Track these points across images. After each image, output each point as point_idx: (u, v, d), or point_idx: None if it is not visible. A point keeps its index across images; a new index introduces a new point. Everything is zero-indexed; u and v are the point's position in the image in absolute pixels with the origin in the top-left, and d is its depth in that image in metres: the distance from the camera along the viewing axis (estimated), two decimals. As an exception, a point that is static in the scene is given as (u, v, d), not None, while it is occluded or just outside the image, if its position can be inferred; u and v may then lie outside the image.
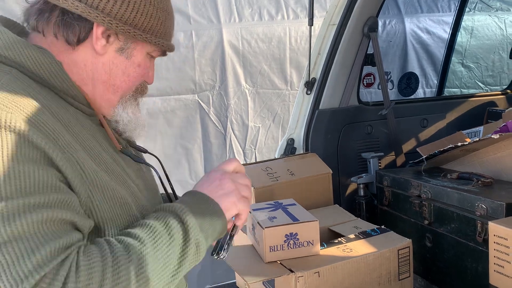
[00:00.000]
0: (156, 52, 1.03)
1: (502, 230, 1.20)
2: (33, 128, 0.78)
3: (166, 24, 1.00)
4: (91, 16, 0.91)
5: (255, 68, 3.74)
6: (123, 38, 0.96)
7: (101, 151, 0.94)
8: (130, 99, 1.03)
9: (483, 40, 4.48)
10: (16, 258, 0.71)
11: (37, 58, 0.88)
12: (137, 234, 0.83)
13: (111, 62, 0.96)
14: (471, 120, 2.51)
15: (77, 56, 0.95)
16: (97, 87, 0.97)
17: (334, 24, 2.13)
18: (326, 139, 2.21)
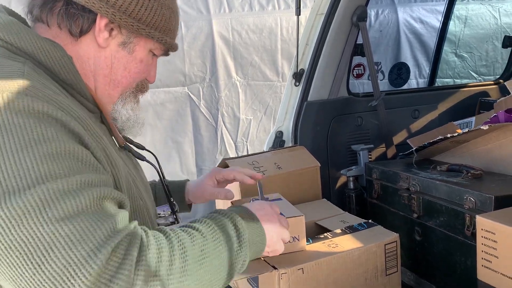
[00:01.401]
0: (159, 50, 1.03)
1: (489, 224, 1.17)
2: (65, 115, 0.78)
3: (170, 22, 1.00)
4: (95, 7, 0.90)
5: (246, 60, 3.69)
6: (126, 32, 0.95)
7: (109, 147, 0.93)
8: (130, 96, 1.02)
9: (477, 30, 4.45)
10: (85, 231, 0.69)
11: (49, 50, 0.87)
12: (196, 226, 0.87)
13: (113, 56, 0.96)
14: (463, 111, 2.47)
15: (80, 48, 0.94)
16: (98, 81, 0.97)
17: (322, 14, 2.09)
18: (315, 132, 2.17)
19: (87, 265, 0.67)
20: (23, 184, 0.69)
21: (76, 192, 0.72)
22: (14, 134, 0.71)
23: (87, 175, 0.75)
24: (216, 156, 3.71)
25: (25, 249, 0.67)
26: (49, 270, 0.66)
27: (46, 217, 0.68)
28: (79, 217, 0.70)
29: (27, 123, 0.72)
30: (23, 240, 0.67)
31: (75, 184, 0.72)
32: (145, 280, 0.71)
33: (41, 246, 0.67)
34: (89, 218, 0.70)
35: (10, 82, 0.76)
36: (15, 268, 0.67)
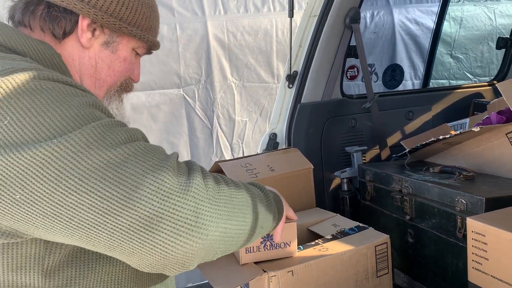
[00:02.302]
0: (141, 49, 1.05)
1: (479, 226, 1.17)
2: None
3: (151, 20, 1.02)
4: (76, 8, 0.92)
5: (241, 62, 3.69)
6: (109, 31, 0.97)
7: None
8: (115, 95, 1.04)
9: (472, 31, 4.45)
10: (145, 150, 0.76)
11: (39, 49, 0.89)
12: (239, 184, 0.94)
13: (97, 56, 0.97)
14: (457, 112, 2.47)
15: (64, 50, 0.95)
16: (84, 81, 0.98)
17: (315, 16, 2.08)
18: (308, 134, 2.17)
19: (164, 167, 0.75)
20: (73, 124, 0.73)
21: (123, 128, 0.78)
22: (50, 92, 0.75)
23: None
24: (211, 157, 3.70)
25: (101, 171, 0.71)
26: (131, 177, 0.72)
27: (108, 144, 0.73)
28: (136, 143, 0.76)
29: (55, 86, 0.76)
30: (95, 165, 0.71)
31: (119, 123, 0.79)
32: (215, 181, 0.83)
33: (114, 165, 0.72)
34: (143, 145, 0.77)
35: (25, 64, 0.80)
36: (98, 192, 0.71)
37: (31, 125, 0.70)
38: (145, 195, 0.71)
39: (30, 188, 0.69)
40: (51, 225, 0.71)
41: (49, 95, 0.74)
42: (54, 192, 0.69)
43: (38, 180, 0.69)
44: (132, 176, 0.72)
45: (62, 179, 0.69)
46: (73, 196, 0.69)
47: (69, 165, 0.70)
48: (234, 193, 0.87)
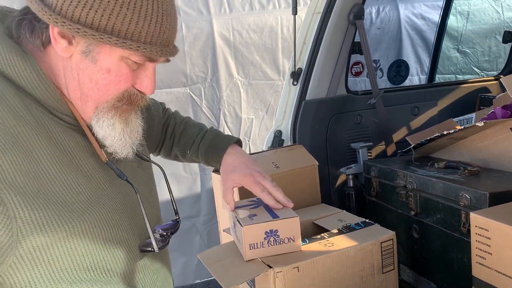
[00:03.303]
0: (136, 57, 0.88)
1: (483, 221, 1.17)
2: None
3: (139, 24, 0.84)
4: (44, 17, 0.82)
5: (247, 59, 3.70)
6: (84, 40, 0.84)
7: (88, 163, 0.89)
8: (107, 110, 0.91)
9: (479, 25, 4.41)
10: None
11: (18, 66, 0.83)
12: None
13: (78, 67, 0.86)
14: (463, 107, 2.47)
15: (50, 60, 0.88)
16: (70, 94, 0.90)
17: (319, 12, 2.09)
18: (313, 130, 2.17)
19: None
20: None
21: None
22: None
23: None
24: (218, 155, 3.72)
25: None
26: None
27: None
28: None
29: None
30: None
31: None
32: None
33: None
34: None
35: None
36: None
37: None
38: None
39: None
40: None
41: None
42: None
43: None
44: None
45: None
46: None
47: None
48: None
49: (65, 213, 0.83)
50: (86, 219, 0.87)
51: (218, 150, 1.38)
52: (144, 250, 1.00)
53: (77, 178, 0.87)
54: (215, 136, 1.41)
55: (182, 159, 1.46)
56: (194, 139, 1.41)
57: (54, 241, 0.81)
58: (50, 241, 0.81)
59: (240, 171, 1.31)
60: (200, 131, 1.43)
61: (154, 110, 1.37)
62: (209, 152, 1.39)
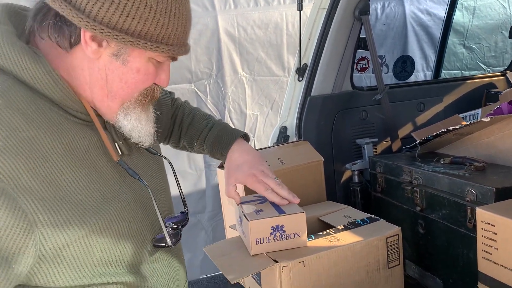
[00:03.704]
0: (161, 57, 0.93)
1: (489, 216, 1.17)
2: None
3: (169, 28, 0.89)
4: (75, 21, 0.84)
5: (251, 55, 3.70)
6: (115, 43, 0.88)
7: (102, 160, 0.92)
8: (133, 106, 0.96)
9: (485, 20, 4.38)
10: None
11: (30, 68, 0.84)
12: None
13: (107, 67, 0.90)
14: (469, 103, 2.46)
15: (73, 60, 0.90)
16: (95, 93, 0.92)
17: (324, 8, 2.08)
18: (319, 126, 2.17)
19: None
20: None
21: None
22: None
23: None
24: (223, 152, 3.73)
25: None
26: None
27: None
28: None
29: None
30: None
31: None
32: None
33: None
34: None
35: None
36: None
37: None
38: None
39: None
40: None
41: None
42: None
43: None
44: None
45: None
46: None
47: None
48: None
49: (82, 212, 0.86)
50: (102, 216, 0.89)
51: (224, 145, 1.38)
52: (158, 246, 1.03)
53: (91, 176, 0.89)
54: (221, 130, 1.41)
55: (189, 149, 1.48)
56: (201, 132, 1.42)
57: (74, 240, 0.85)
58: (70, 240, 0.84)
59: (243, 170, 1.32)
60: (207, 124, 1.43)
61: (162, 99, 1.37)
62: (215, 146, 1.39)
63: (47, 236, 0.81)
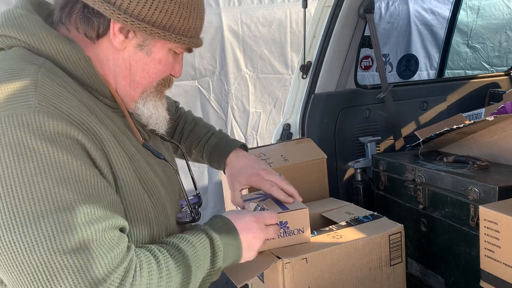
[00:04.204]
0: (180, 49, 1.01)
1: (492, 215, 1.18)
2: (76, 129, 0.80)
3: (189, 21, 0.96)
4: (106, 13, 0.90)
5: (255, 53, 3.70)
6: (142, 35, 0.94)
7: (129, 144, 0.97)
8: (152, 94, 1.03)
9: (489, 20, 4.38)
10: (85, 265, 0.74)
11: (66, 52, 0.89)
12: (179, 246, 0.93)
13: (131, 57, 0.96)
14: (472, 102, 2.46)
15: (99, 50, 0.95)
16: (118, 82, 0.98)
17: (329, 6, 2.09)
18: (322, 124, 2.18)
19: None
20: (37, 211, 0.73)
21: (85, 225, 0.76)
22: (29, 157, 0.75)
23: (95, 205, 0.79)
24: (226, 149, 3.73)
25: (34, 275, 0.73)
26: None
27: (55, 248, 0.73)
28: (85, 250, 0.75)
29: (40, 147, 0.75)
30: (33, 265, 0.73)
31: (84, 215, 0.77)
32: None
33: (48, 273, 0.73)
34: (94, 251, 0.76)
35: (21, 95, 0.78)
36: (23, 286, 0.74)
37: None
38: None
39: None
40: None
41: (26, 160, 0.74)
42: None
43: None
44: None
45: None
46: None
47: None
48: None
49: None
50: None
51: (222, 154, 1.40)
52: (182, 222, 1.09)
53: (125, 158, 0.93)
54: (220, 139, 1.43)
55: (188, 156, 1.49)
56: (201, 139, 1.45)
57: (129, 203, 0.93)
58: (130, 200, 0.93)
59: (246, 171, 1.35)
60: (207, 132, 1.46)
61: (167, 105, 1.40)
62: (213, 154, 1.42)
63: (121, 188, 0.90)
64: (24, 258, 0.73)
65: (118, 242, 0.80)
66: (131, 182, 0.92)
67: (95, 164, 0.84)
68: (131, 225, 0.92)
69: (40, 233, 0.73)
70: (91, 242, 0.76)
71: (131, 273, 0.79)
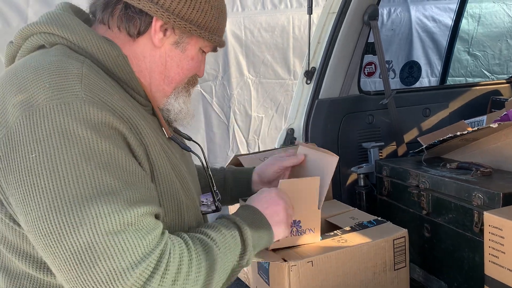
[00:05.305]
0: (208, 48, 1.09)
1: (497, 220, 1.19)
2: (118, 119, 0.85)
3: (219, 21, 1.06)
4: (151, 11, 0.97)
5: (258, 58, 3.72)
6: (179, 32, 1.02)
7: (160, 137, 1.02)
8: (182, 90, 1.09)
9: (490, 28, 4.41)
10: (128, 246, 0.78)
11: (106, 50, 0.95)
12: (212, 236, 0.96)
13: (167, 54, 1.03)
14: (474, 110, 2.48)
15: (137, 47, 1.01)
16: (153, 78, 1.04)
17: (334, 12, 2.11)
18: (326, 129, 2.19)
19: (125, 277, 0.77)
20: (81, 194, 0.77)
21: (125, 209, 0.80)
22: (75, 143, 0.79)
23: (135, 191, 0.83)
24: (228, 153, 3.75)
25: (78, 255, 0.77)
26: (94, 275, 0.77)
27: (99, 230, 0.77)
28: (125, 233, 0.79)
29: (85, 134, 0.80)
30: (78, 246, 0.76)
31: (125, 200, 0.80)
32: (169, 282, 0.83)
33: (91, 254, 0.76)
34: (133, 234, 0.80)
35: (69, 86, 0.83)
36: (67, 268, 0.78)
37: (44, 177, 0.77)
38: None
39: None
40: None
41: (72, 147, 0.78)
42: None
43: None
44: (96, 274, 0.76)
45: None
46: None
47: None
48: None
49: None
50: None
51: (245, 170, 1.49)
52: (207, 212, 1.15)
53: (160, 149, 0.98)
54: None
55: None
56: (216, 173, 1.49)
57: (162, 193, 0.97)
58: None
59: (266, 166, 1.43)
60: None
61: None
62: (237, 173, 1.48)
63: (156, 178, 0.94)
64: (67, 239, 0.76)
65: (154, 227, 0.83)
66: (166, 172, 0.96)
67: (134, 153, 0.88)
68: (164, 213, 0.95)
69: (85, 215, 0.76)
70: (130, 225, 0.79)
71: (166, 256, 0.83)
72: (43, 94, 0.81)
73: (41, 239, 0.77)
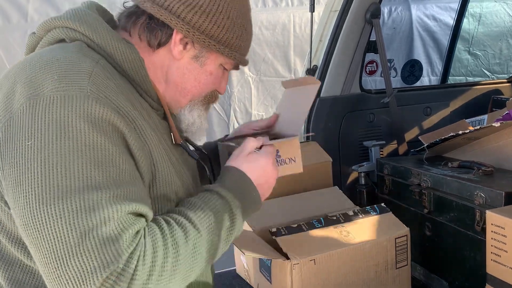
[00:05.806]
0: (229, 65, 1.08)
1: (499, 219, 1.19)
2: (119, 116, 0.86)
3: (241, 39, 1.05)
4: (172, 23, 0.98)
5: (258, 56, 3.72)
6: (199, 46, 1.02)
7: (163, 141, 1.01)
8: (198, 104, 1.09)
9: (491, 27, 4.41)
10: (104, 245, 0.77)
11: (124, 51, 0.96)
12: (191, 218, 0.91)
13: (185, 67, 1.04)
14: (475, 109, 2.48)
15: (156, 57, 1.03)
16: (169, 87, 1.05)
17: (336, 11, 2.11)
18: (327, 127, 2.20)
19: (95, 277, 0.76)
20: (67, 187, 0.77)
21: (107, 206, 0.79)
22: (70, 135, 0.80)
23: (121, 189, 0.82)
24: (228, 151, 3.75)
25: (53, 247, 0.76)
26: (66, 271, 0.76)
27: (76, 225, 0.76)
28: (101, 230, 0.77)
29: (82, 128, 0.80)
30: (54, 239, 0.76)
31: (108, 197, 0.80)
32: (140, 283, 0.80)
33: (66, 248, 0.76)
34: (109, 232, 0.78)
35: (77, 81, 0.84)
36: (43, 257, 0.77)
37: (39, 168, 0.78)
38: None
39: None
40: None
41: (68, 139, 0.79)
42: None
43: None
44: (69, 271, 0.76)
45: None
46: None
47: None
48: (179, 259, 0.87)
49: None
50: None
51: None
52: None
53: (163, 152, 0.99)
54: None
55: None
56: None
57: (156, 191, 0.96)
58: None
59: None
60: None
61: None
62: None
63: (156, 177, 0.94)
64: (47, 229, 0.76)
65: (132, 224, 0.82)
66: (169, 174, 0.97)
67: (132, 153, 0.88)
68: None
69: (65, 208, 0.76)
70: (108, 222, 0.78)
71: (137, 254, 0.80)
72: (50, 85, 0.82)
73: (24, 227, 0.78)
